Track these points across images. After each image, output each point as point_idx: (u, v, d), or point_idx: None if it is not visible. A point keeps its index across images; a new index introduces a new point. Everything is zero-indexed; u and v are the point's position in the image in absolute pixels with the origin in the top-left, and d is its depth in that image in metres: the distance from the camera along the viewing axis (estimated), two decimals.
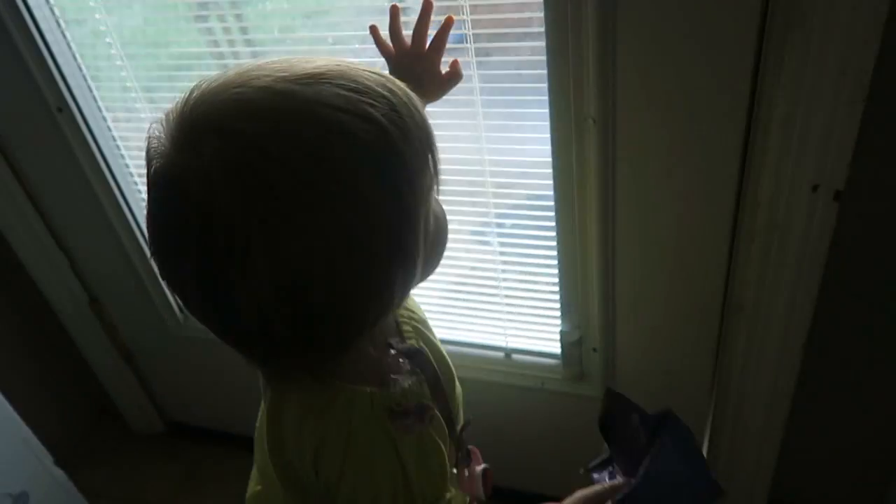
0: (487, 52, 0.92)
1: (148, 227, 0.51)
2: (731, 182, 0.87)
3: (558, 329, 1.13)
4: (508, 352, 1.24)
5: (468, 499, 0.72)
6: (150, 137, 0.49)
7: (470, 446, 0.75)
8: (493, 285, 1.18)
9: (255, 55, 1.09)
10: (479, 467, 0.74)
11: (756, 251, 0.90)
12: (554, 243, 1.04)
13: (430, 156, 0.53)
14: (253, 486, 0.71)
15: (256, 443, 0.70)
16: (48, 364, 1.67)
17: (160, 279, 0.52)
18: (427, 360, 0.67)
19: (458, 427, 0.72)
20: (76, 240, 1.43)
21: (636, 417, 0.67)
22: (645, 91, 0.83)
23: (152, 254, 0.51)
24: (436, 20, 0.83)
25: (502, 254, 1.13)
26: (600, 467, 0.71)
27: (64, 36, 1.16)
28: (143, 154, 0.50)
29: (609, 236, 0.98)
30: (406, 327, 0.69)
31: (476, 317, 1.24)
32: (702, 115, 0.83)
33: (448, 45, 0.85)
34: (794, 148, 0.79)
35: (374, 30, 0.83)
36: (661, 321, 1.05)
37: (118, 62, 1.16)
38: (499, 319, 1.22)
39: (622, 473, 0.69)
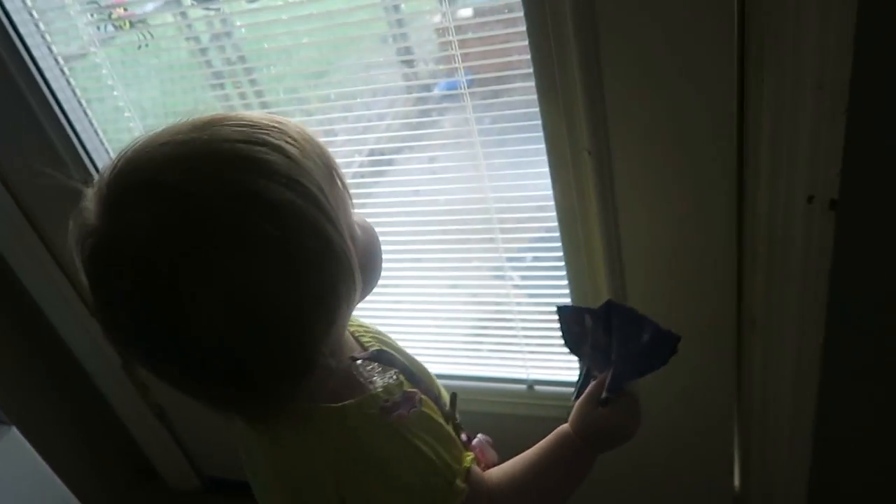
0: (483, 96, 0.96)
1: (101, 309, 0.54)
2: (730, 201, 0.89)
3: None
4: (530, 383, 1.25)
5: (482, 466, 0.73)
6: (77, 217, 0.54)
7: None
8: (510, 318, 1.20)
9: None
10: (479, 436, 0.76)
11: (761, 266, 0.91)
12: (564, 273, 1.07)
13: (333, 172, 0.57)
14: None
15: (255, 486, 0.73)
16: (86, 426, 1.71)
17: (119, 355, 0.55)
18: (392, 356, 0.70)
19: (447, 404, 0.74)
20: None
21: (588, 318, 0.72)
22: (635, 121, 0.86)
23: (107, 330, 0.54)
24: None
25: (517, 287, 1.16)
26: (582, 388, 0.74)
27: (86, 114, 1.23)
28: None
29: (616, 263, 1.00)
30: (364, 339, 0.73)
31: (497, 351, 1.26)
32: (694, 139, 0.85)
33: (444, 92, 0.89)
34: (784, 162, 0.81)
35: None
36: None
37: (138, 135, 1.21)
38: (519, 352, 1.23)
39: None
